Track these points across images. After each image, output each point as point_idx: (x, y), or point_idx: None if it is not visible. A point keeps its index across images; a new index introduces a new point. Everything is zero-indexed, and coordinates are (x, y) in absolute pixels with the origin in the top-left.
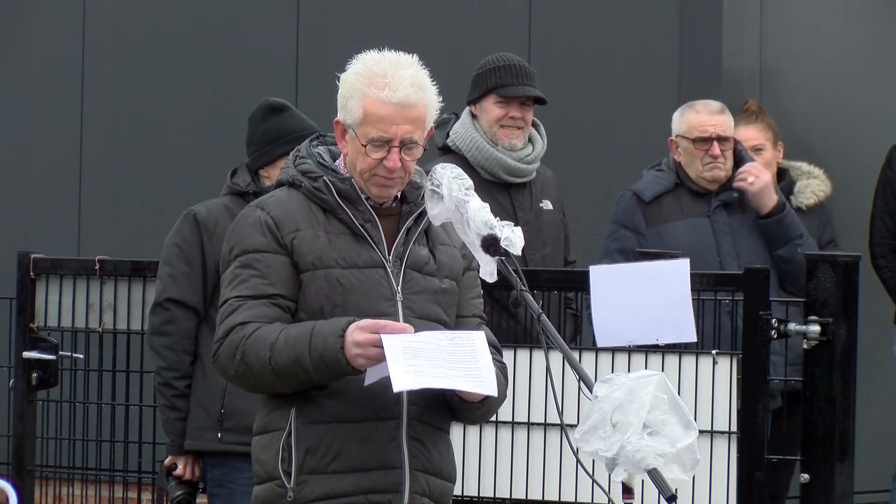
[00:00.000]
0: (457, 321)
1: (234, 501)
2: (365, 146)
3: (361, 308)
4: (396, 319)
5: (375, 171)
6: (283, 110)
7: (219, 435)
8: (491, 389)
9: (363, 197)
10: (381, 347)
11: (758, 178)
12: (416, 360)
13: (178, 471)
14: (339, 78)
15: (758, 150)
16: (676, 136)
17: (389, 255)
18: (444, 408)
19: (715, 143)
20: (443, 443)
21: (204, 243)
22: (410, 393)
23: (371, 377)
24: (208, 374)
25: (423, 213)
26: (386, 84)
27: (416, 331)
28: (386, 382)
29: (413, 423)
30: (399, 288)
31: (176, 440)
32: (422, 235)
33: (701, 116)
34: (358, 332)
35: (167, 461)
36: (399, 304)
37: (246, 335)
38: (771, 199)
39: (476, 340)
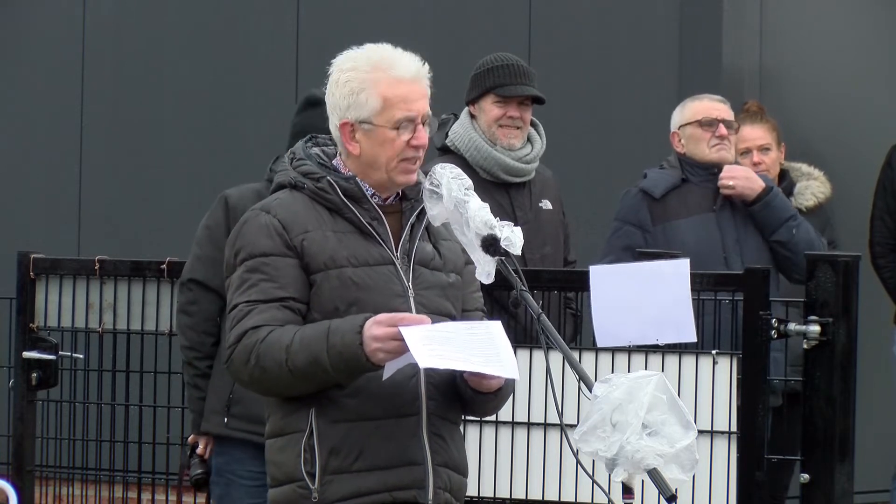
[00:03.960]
0: (462, 314)
1: (230, 492)
2: (394, 129)
3: (375, 305)
4: None
5: (404, 154)
6: (318, 105)
7: (225, 420)
8: (513, 373)
9: (369, 195)
10: (400, 340)
11: (734, 177)
12: (436, 345)
13: (199, 449)
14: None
15: (765, 149)
16: (679, 128)
17: (397, 252)
18: (458, 402)
19: (721, 125)
20: (458, 437)
21: (231, 226)
22: (428, 388)
23: (389, 371)
24: (223, 359)
25: (425, 210)
26: (394, 65)
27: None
28: (403, 377)
29: (432, 418)
30: (410, 284)
31: (197, 419)
32: (424, 231)
33: (704, 102)
34: (376, 326)
35: (190, 439)
36: (411, 300)
37: (260, 339)
38: (757, 186)
39: (493, 329)
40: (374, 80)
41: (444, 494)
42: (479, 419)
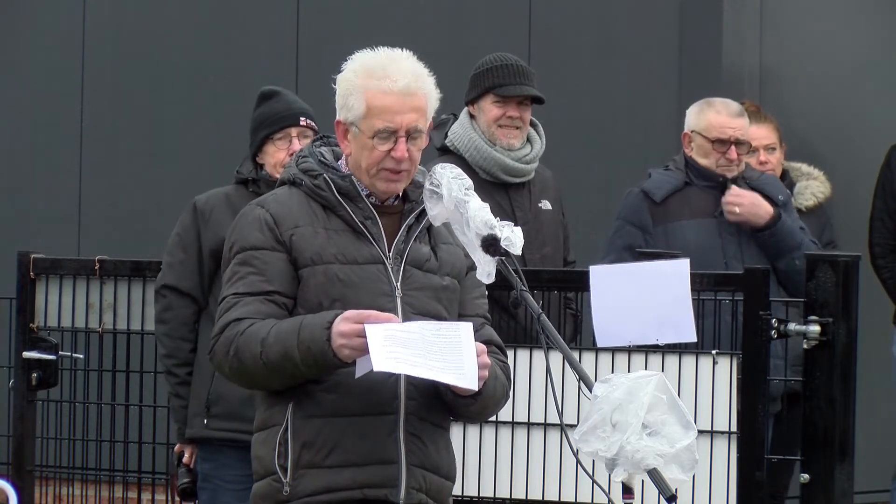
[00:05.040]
0: (459, 320)
1: (217, 497)
2: (372, 138)
3: (360, 303)
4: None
5: (383, 164)
6: (272, 96)
7: (205, 421)
8: (471, 382)
9: (364, 194)
10: (366, 337)
11: (740, 203)
12: (397, 347)
13: (185, 458)
14: (335, 80)
15: (771, 149)
16: (692, 132)
17: (390, 251)
18: (443, 405)
19: (732, 147)
20: (441, 440)
21: (200, 230)
22: (408, 388)
23: (361, 369)
24: (200, 363)
25: (425, 211)
26: (386, 75)
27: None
28: (382, 376)
29: (411, 418)
30: (398, 284)
31: (182, 428)
32: (424, 233)
33: (722, 118)
34: (343, 322)
35: (177, 448)
36: (398, 300)
37: (240, 331)
38: (765, 213)
39: (462, 332)
40: (364, 86)
41: (417, 495)
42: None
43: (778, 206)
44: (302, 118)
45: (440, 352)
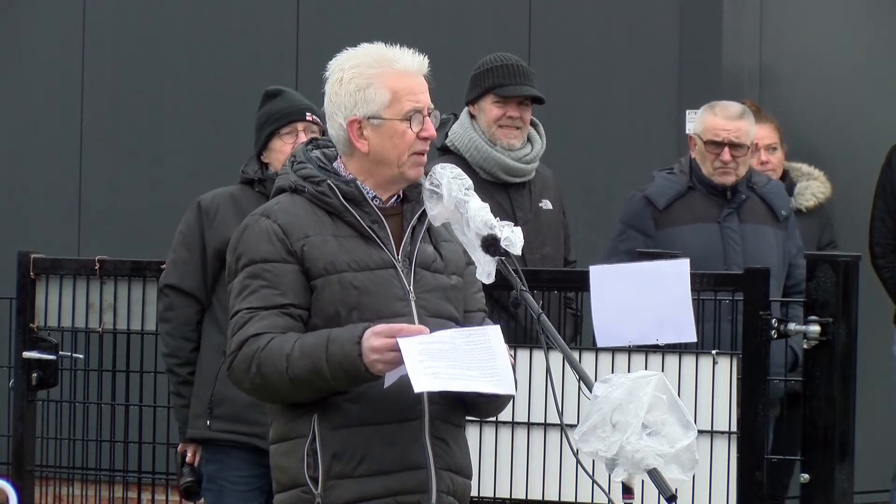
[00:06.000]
0: (463, 316)
1: (223, 498)
2: (404, 121)
3: (376, 309)
4: (411, 319)
5: (413, 147)
6: (277, 95)
7: (208, 422)
8: (508, 388)
9: (369, 197)
10: (399, 351)
11: None
12: (433, 361)
13: (188, 458)
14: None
15: (772, 148)
16: (694, 134)
17: (398, 254)
18: (461, 404)
19: (726, 149)
20: (462, 440)
21: (204, 229)
22: (430, 392)
23: (390, 379)
24: (203, 363)
25: (426, 212)
26: (397, 60)
27: (431, 330)
28: (406, 383)
29: (435, 421)
30: (411, 287)
31: (183, 427)
32: (426, 233)
33: (717, 120)
34: (374, 337)
35: (180, 448)
36: (413, 304)
37: (260, 347)
38: None
39: (492, 336)
40: (381, 74)
41: (447, 498)
42: (479, 419)
43: (779, 220)
44: (308, 113)
45: (474, 359)
